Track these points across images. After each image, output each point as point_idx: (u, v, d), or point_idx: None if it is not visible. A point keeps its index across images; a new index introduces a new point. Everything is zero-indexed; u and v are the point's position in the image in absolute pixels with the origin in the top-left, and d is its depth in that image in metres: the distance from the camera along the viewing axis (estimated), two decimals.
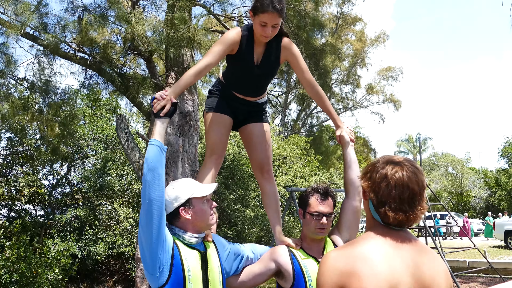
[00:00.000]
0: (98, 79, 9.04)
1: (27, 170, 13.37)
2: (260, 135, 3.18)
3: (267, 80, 3.16)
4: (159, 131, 2.48)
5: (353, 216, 2.81)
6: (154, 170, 2.30)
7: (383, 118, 36.94)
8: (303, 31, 9.15)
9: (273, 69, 3.06)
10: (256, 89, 3.14)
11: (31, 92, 8.95)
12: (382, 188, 1.78)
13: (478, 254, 15.30)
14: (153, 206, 2.27)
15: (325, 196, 2.75)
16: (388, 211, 1.76)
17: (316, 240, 2.74)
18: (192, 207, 2.44)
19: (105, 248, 11.92)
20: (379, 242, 1.76)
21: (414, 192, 1.77)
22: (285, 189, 14.67)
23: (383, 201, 1.77)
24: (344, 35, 33.36)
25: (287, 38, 3.01)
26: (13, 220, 11.59)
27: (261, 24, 2.77)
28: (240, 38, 2.88)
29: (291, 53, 2.99)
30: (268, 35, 2.81)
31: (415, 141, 51.10)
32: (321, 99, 3.10)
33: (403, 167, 1.80)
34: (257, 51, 2.94)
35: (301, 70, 3.03)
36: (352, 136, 3.06)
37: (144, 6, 8.89)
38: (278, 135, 21.92)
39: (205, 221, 2.47)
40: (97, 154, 14.09)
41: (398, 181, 1.76)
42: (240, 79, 3.04)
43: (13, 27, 7.21)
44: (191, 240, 2.42)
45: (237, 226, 13.38)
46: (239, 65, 2.97)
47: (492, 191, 39.96)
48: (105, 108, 15.10)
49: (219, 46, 2.84)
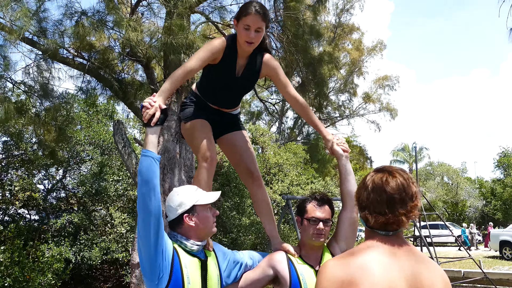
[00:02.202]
0: (96, 84, 9.06)
1: (23, 174, 13.32)
2: (243, 142, 3.17)
3: (245, 92, 3.15)
4: (151, 140, 2.43)
5: (350, 227, 2.82)
6: (149, 182, 2.28)
7: (379, 126, 37.01)
8: (301, 40, 9.19)
9: (252, 82, 3.05)
10: (233, 100, 3.13)
11: (28, 96, 8.94)
12: (362, 193, 1.86)
13: (473, 265, 15.30)
14: (150, 217, 2.26)
15: (321, 202, 2.77)
16: (367, 215, 1.82)
17: (314, 248, 2.75)
18: (196, 214, 2.43)
19: (100, 254, 11.85)
20: (377, 251, 1.77)
21: (392, 196, 1.79)
22: (281, 196, 14.66)
23: (364, 206, 1.85)
24: (341, 43, 33.50)
25: (269, 53, 3.01)
26: (7, 224, 11.52)
27: (245, 28, 2.76)
28: (224, 48, 2.85)
29: (273, 68, 2.98)
30: (251, 39, 2.78)
31: (411, 150, 51.20)
32: (307, 112, 3.07)
33: (383, 173, 1.85)
34: (240, 62, 2.92)
35: (283, 84, 3.01)
36: (346, 146, 3.01)
37: (142, 12, 8.92)
38: (274, 142, 21.93)
39: (208, 229, 2.46)
40: (93, 159, 14.05)
41: (374, 185, 1.83)
42: (218, 89, 3.01)
43: (12, 32, 7.22)
44: (193, 248, 2.41)
45: (233, 234, 13.35)
46: (219, 75, 2.93)
47: (487, 201, 40.03)
48: (102, 113, 15.07)
49: (204, 52, 2.81)
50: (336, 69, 13.10)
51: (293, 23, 8.98)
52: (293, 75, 10.74)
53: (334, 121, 34.49)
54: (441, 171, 45.12)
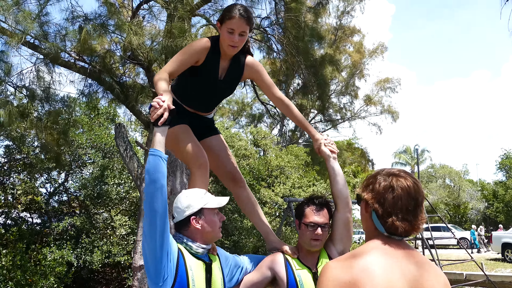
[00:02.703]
0: (98, 87, 9.08)
1: (25, 178, 13.35)
2: (222, 145, 3.14)
3: (225, 96, 3.11)
4: (159, 140, 2.40)
5: (344, 228, 2.81)
6: (156, 181, 2.27)
7: (380, 129, 36.98)
8: (302, 42, 9.20)
9: (233, 86, 3.01)
10: (212, 103, 3.09)
11: (30, 100, 8.97)
12: (388, 198, 1.80)
13: (475, 267, 15.26)
14: (156, 217, 2.25)
15: (320, 207, 2.76)
16: (396, 221, 1.78)
17: (311, 251, 2.75)
18: (203, 217, 2.43)
19: (102, 257, 11.86)
20: (379, 253, 1.77)
21: (418, 202, 1.81)
22: (282, 199, 14.66)
23: (390, 211, 1.79)
24: (342, 46, 33.51)
25: (251, 56, 2.97)
26: (10, 228, 11.53)
27: (228, 31, 2.73)
28: (208, 49, 2.80)
29: (255, 70, 2.95)
30: (235, 43, 2.75)
31: (413, 152, 51.14)
32: (293, 113, 3.02)
33: (406, 178, 1.83)
34: (222, 65, 2.88)
35: (267, 86, 2.98)
36: (334, 147, 2.98)
37: (143, 15, 8.94)
38: (276, 145, 21.93)
39: (214, 233, 2.46)
40: (95, 162, 14.07)
41: (404, 191, 1.80)
42: (198, 92, 2.94)
43: (14, 36, 7.25)
44: (198, 250, 2.41)
45: (234, 236, 13.35)
46: (201, 77, 2.86)
47: (489, 204, 39.96)
48: (103, 117, 15.10)
49: (188, 55, 2.77)
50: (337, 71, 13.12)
51: (294, 26, 9.00)
52: (294, 77, 10.76)
53: (335, 124, 34.46)
54: (443, 173, 45.06)
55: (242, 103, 36.93)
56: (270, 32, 9.50)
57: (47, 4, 7.98)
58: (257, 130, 20.68)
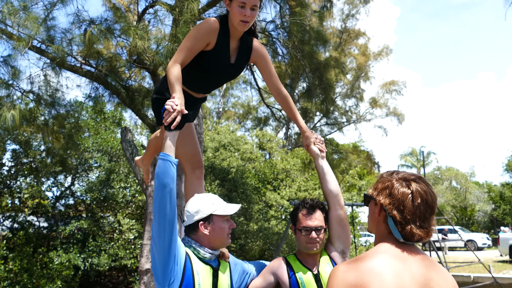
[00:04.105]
0: (104, 91, 9.12)
1: (31, 182, 13.41)
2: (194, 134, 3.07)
3: (232, 79, 3.03)
4: (169, 144, 2.38)
5: (339, 226, 2.79)
6: (166, 186, 2.27)
7: (386, 131, 36.98)
8: (307, 45, 9.21)
9: (241, 70, 2.93)
10: (216, 87, 3.00)
11: (37, 104, 9.02)
12: (408, 206, 1.79)
13: (483, 269, 15.19)
14: (165, 221, 2.25)
15: (312, 210, 2.74)
16: (414, 229, 1.78)
17: (310, 254, 2.76)
18: (212, 223, 2.42)
19: (108, 260, 11.90)
20: (389, 256, 1.77)
21: (433, 210, 1.82)
22: (288, 202, 14.65)
23: (408, 219, 1.79)
24: (347, 49, 33.52)
25: (257, 39, 2.91)
26: (17, 232, 11.60)
27: (240, 6, 2.62)
28: (218, 30, 2.67)
29: (262, 55, 2.89)
30: (247, 17, 2.64)
31: (418, 154, 50.93)
32: (288, 105, 3.00)
33: (423, 184, 1.83)
34: (232, 46, 2.77)
35: (269, 73, 2.93)
36: (323, 146, 2.98)
37: (149, 20, 8.98)
38: (281, 148, 21.94)
39: (222, 240, 2.46)
40: (101, 166, 14.13)
41: (423, 199, 1.80)
42: (207, 77, 2.84)
43: (21, 40, 7.30)
44: (206, 255, 2.41)
45: (241, 240, 13.34)
46: (213, 62, 2.76)
47: (496, 205, 39.73)
48: (109, 121, 15.17)
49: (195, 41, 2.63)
50: (342, 74, 13.11)
51: (299, 29, 9.01)
52: (299, 80, 10.77)
53: (341, 126, 34.44)
54: (449, 175, 44.87)
55: (248, 106, 36.98)
56: (275, 36, 9.52)
57: (53, 8, 8.04)
58: (263, 133, 20.71)
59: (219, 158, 15.00)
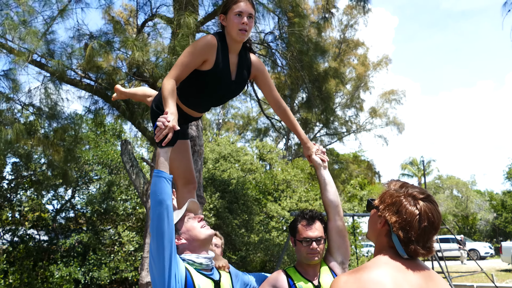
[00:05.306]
0: (104, 104, 9.14)
1: (32, 195, 13.39)
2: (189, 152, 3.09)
3: (233, 97, 3.02)
4: (162, 161, 2.37)
5: (338, 236, 2.79)
6: (162, 202, 2.25)
7: (386, 141, 36.99)
8: (306, 56, 9.24)
9: (243, 86, 2.92)
10: (219, 104, 3.01)
11: (37, 117, 9.04)
12: (415, 227, 1.78)
13: (485, 278, 15.10)
14: (164, 239, 2.23)
15: (311, 220, 2.74)
16: (418, 249, 1.79)
17: (311, 265, 2.75)
18: (180, 231, 2.41)
19: (109, 273, 11.84)
20: (390, 267, 1.77)
21: (437, 231, 1.83)
22: (289, 213, 14.61)
23: (413, 240, 1.79)
24: (346, 59, 33.68)
25: (254, 55, 2.91)
26: (17, 245, 11.55)
27: (237, 14, 2.64)
28: (216, 46, 2.67)
29: (261, 70, 2.89)
30: (245, 25, 2.64)
31: (419, 163, 50.88)
32: (288, 118, 3.01)
33: (430, 204, 1.82)
34: (232, 61, 2.76)
35: (269, 87, 2.94)
36: (324, 157, 2.99)
37: (148, 32, 9.03)
38: (282, 159, 21.94)
39: (198, 236, 2.42)
40: (101, 178, 14.12)
41: (430, 222, 1.80)
42: (208, 96, 2.84)
43: (21, 55, 7.34)
44: (202, 261, 2.39)
45: (242, 251, 13.29)
46: (215, 81, 2.74)
47: (498, 214, 39.60)
48: (109, 133, 15.19)
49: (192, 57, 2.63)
50: (342, 84, 13.12)
51: (297, 40, 9.04)
52: (298, 91, 10.79)
53: (341, 136, 34.47)
54: (450, 184, 44.79)
55: (248, 117, 37.06)
56: (274, 47, 9.55)
57: (53, 23, 8.09)
58: (263, 144, 20.71)
59: (219, 170, 14.99)
